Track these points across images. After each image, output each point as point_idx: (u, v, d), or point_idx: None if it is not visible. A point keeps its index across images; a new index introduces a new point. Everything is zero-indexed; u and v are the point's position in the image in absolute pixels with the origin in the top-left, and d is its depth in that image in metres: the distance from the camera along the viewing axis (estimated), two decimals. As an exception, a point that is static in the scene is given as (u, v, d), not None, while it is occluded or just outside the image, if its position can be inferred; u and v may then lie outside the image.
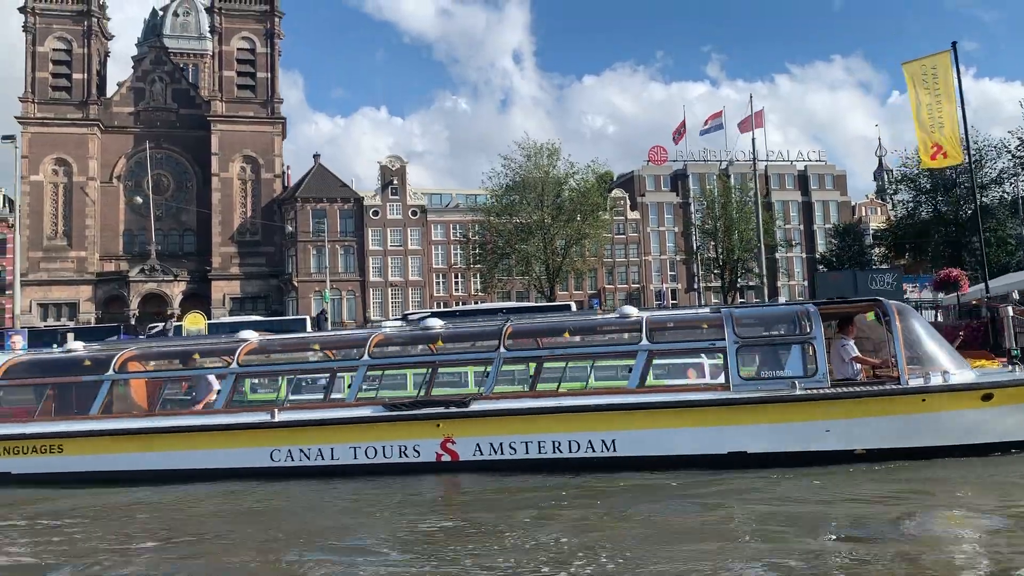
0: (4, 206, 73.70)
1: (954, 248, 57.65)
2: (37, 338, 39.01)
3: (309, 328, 51.28)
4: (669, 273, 79.91)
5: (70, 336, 43.49)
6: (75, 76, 75.00)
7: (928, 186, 59.24)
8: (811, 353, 10.82)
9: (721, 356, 11.41)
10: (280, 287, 74.81)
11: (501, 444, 11.03)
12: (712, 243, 61.69)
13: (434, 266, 76.33)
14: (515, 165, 60.03)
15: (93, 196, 74.23)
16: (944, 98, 19.76)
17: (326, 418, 11.76)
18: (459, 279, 76.95)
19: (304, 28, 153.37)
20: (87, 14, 75.63)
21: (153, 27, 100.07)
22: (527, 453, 10.96)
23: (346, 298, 73.42)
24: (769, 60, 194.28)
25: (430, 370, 13.72)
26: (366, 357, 12.16)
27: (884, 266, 69.16)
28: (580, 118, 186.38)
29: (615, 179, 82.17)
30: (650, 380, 17.43)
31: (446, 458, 11.13)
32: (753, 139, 36.24)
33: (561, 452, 10.91)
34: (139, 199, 67.07)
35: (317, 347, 13.98)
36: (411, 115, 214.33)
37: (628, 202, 79.09)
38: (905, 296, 33.41)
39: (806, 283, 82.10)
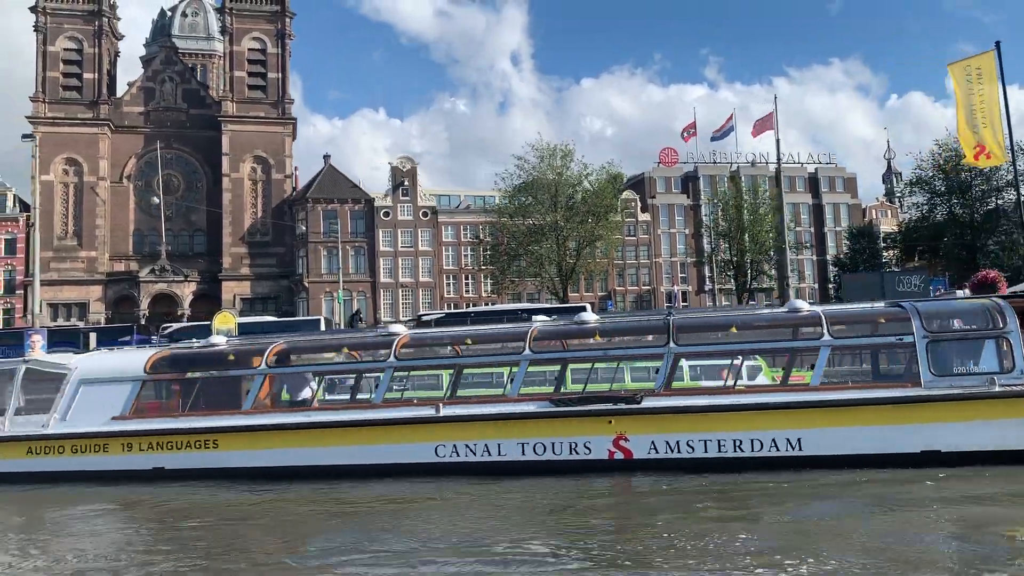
0: (14, 206, 73.51)
1: (968, 251, 57.57)
2: (56, 337, 38.92)
3: (323, 328, 51.28)
4: (679, 275, 79.77)
5: (92, 336, 43.42)
6: (86, 76, 74.89)
7: (943, 188, 59.16)
8: (1006, 348, 10.55)
9: (903, 352, 11.42)
10: (291, 288, 74.66)
11: (678, 442, 10.77)
12: (726, 245, 61.49)
13: (445, 267, 76.20)
14: (528, 166, 60.01)
15: (103, 196, 74.12)
16: (988, 98, 19.66)
17: (493, 413, 11.49)
18: (469, 280, 76.81)
19: (301, 29, 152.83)
20: (98, 14, 75.56)
21: (161, 27, 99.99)
22: (705, 452, 10.70)
23: (357, 299, 73.23)
24: (767, 62, 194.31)
25: (592, 365, 13.90)
26: (527, 351, 11.97)
27: (895, 268, 69.09)
28: (579, 120, 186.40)
29: (624, 180, 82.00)
30: (687, 381, 17.27)
31: (619, 456, 10.89)
32: (777, 140, 36.09)
33: (743, 451, 10.65)
34: (155, 199, 66.95)
35: (469, 341, 13.63)
36: (410, 117, 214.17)
37: (639, 203, 78.95)
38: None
39: (816, 285, 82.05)
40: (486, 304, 70.03)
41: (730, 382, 12.82)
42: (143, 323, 65.93)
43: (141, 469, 12.47)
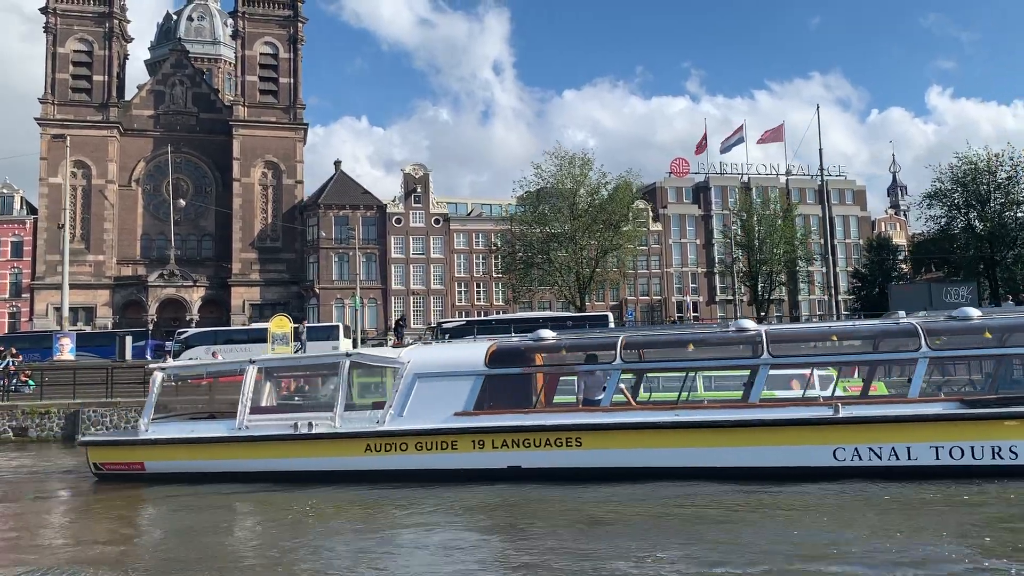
0: (22, 208, 72.60)
1: (987, 264, 57.72)
2: (88, 341, 38.38)
3: (341, 336, 50.73)
4: (691, 285, 79.67)
5: (128, 340, 42.76)
6: (96, 78, 74.21)
7: (960, 202, 59.33)
8: None
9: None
10: (301, 294, 74.04)
11: None
12: (746, 255, 61.35)
13: (456, 275, 75.78)
14: (546, 174, 59.72)
15: (112, 200, 73.34)
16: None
17: (906, 415, 11.24)
18: (481, 288, 76.44)
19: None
20: (108, 16, 74.95)
21: (167, 31, 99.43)
22: None
23: (367, 306, 72.66)
24: (748, 76, 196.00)
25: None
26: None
27: (903, 281, 69.30)
28: (561, 132, 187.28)
29: (634, 191, 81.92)
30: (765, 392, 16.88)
31: None
32: (820, 150, 35.85)
33: None
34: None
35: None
36: (392, 125, 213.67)
37: (650, 213, 78.82)
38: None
39: (827, 297, 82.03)
40: (497, 313, 69.68)
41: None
42: (151, 328, 65.37)
43: (494, 468, 11.97)
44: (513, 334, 44.51)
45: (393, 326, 39.83)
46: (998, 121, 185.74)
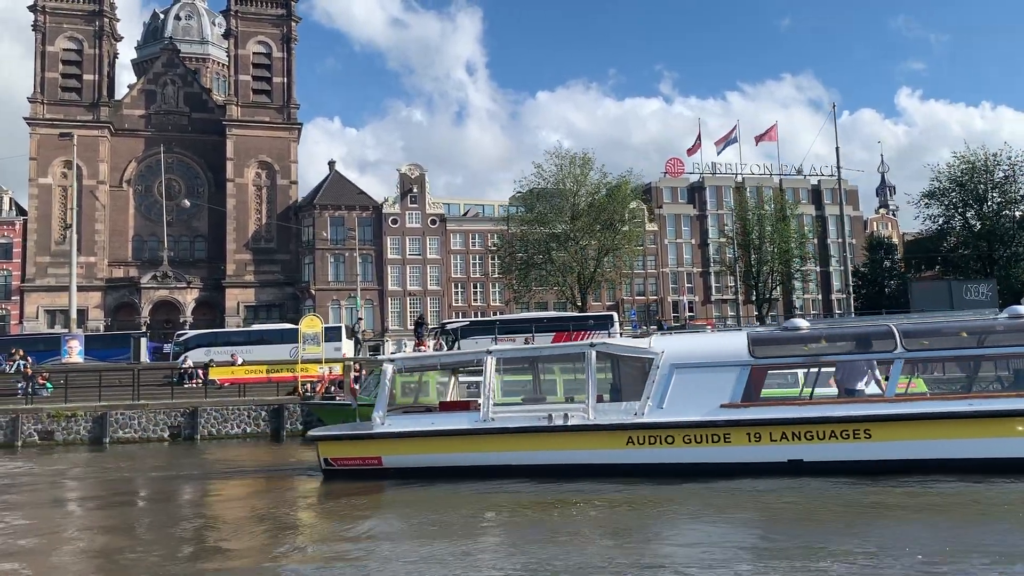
0: (11, 209, 71.35)
1: (985, 262, 58.27)
2: (95, 344, 37.66)
3: (344, 337, 50.33)
4: (686, 285, 79.82)
5: (143, 341, 42.06)
6: (86, 77, 73.11)
7: (958, 201, 59.88)
8: None
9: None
10: (296, 295, 73.35)
11: None
12: (745, 255, 61.52)
13: (453, 276, 75.41)
14: (547, 174, 59.59)
15: (103, 200, 72.27)
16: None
17: None
18: (478, 289, 76.12)
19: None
20: (99, 14, 73.85)
21: (154, 31, 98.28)
22: None
23: (364, 307, 72.11)
24: (721, 77, 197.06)
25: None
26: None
27: (897, 280, 69.84)
28: (535, 133, 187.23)
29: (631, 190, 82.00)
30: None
31: None
32: (837, 149, 35.77)
33: None
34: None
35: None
36: (365, 126, 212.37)
37: (645, 213, 78.88)
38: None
39: (820, 296, 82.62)
40: (493, 314, 69.37)
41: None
42: (144, 330, 64.38)
43: (772, 462, 11.51)
44: (525, 334, 44.29)
45: (413, 327, 39.32)
46: (967, 122, 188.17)
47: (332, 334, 49.42)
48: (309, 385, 28.16)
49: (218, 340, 48.32)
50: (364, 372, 31.01)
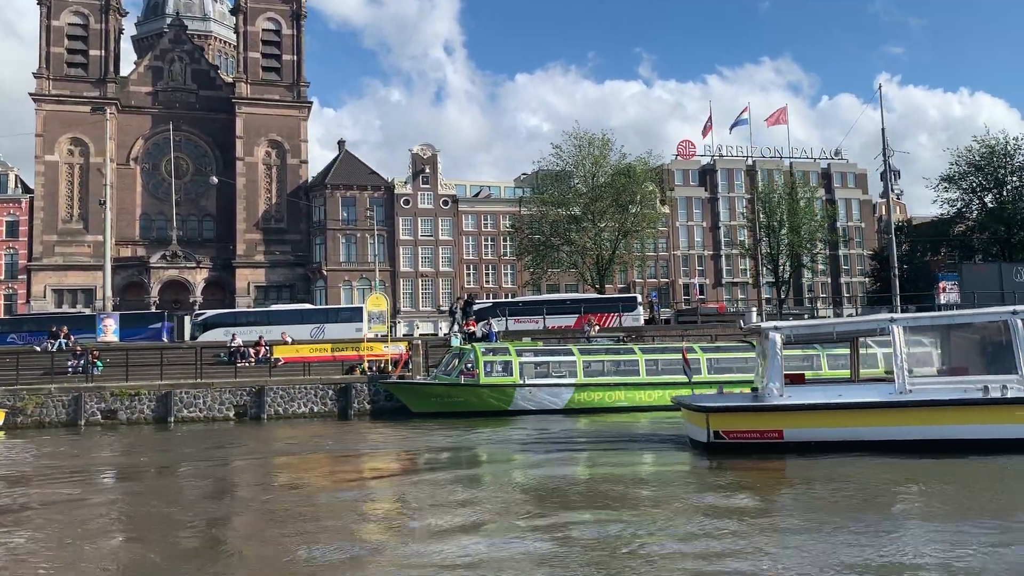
0: (16, 186, 70.13)
1: (1003, 246, 58.49)
2: (134, 321, 37.01)
3: (365, 319, 49.87)
4: (697, 268, 79.73)
5: (187, 320, 41.35)
6: (92, 52, 71.83)
7: (976, 185, 60.04)
8: None
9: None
10: (307, 276, 72.67)
11: None
12: (769, 238, 61.39)
13: (465, 257, 74.92)
14: (565, 154, 59.24)
15: (111, 178, 71.03)
16: None
17: None
18: (490, 270, 75.71)
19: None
20: (105, -12, 72.40)
21: (154, 7, 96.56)
22: None
23: (375, 288, 71.59)
24: (700, 61, 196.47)
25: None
26: None
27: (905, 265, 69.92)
28: (515, 115, 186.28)
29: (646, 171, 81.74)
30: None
31: None
32: (883, 129, 35.47)
33: None
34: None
35: None
36: (343, 106, 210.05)
37: (657, 196, 78.63)
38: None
39: (829, 280, 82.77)
40: (506, 296, 69.10)
41: None
42: (154, 310, 63.56)
43: None
44: (546, 315, 44.09)
45: (462, 307, 38.75)
46: (945, 108, 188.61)
47: (351, 315, 49.00)
48: (378, 364, 27.74)
49: (238, 319, 47.68)
50: (409, 353, 30.65)
